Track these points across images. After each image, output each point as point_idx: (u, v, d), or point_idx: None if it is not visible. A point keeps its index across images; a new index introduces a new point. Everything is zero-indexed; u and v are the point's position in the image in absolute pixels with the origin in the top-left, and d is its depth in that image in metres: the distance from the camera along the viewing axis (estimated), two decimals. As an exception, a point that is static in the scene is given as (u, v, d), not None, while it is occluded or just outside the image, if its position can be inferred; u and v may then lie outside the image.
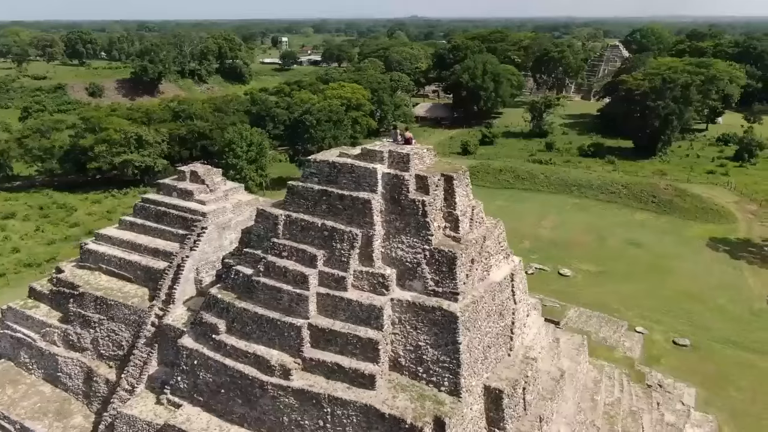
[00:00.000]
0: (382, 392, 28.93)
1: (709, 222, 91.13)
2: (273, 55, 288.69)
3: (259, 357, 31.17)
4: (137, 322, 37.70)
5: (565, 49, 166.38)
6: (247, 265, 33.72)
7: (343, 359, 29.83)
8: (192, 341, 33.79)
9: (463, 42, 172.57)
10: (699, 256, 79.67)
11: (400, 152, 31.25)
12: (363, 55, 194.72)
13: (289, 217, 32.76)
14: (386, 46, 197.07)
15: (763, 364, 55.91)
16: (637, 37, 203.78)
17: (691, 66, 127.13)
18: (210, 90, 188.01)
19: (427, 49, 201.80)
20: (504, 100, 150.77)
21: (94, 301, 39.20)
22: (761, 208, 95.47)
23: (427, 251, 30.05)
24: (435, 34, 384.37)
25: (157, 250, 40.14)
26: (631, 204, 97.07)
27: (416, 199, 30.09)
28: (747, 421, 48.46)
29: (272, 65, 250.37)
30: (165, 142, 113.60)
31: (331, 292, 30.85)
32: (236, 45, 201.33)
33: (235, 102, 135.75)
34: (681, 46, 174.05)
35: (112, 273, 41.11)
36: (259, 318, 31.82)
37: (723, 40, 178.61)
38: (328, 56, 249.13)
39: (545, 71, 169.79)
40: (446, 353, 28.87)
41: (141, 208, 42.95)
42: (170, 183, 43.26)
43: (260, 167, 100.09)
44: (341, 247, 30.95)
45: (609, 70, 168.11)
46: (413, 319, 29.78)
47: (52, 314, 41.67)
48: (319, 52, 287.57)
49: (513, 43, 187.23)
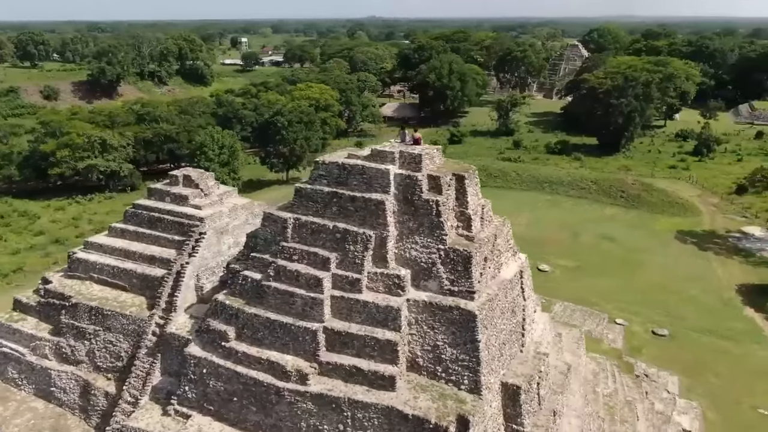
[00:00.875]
0: (403, 393, 28.92)
1: (676, 215, 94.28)
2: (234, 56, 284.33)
3: (273, 363, 30.71)
4: (136, 332, 36.62)
5: (528, 48, 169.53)
6: (254, 270, 33.17)
7: (361, 362, 29.69)
8: (199, 349, 33.04)
9: (428, 42, 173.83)
10: (668, 249, 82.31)
11: (412, 153, 31.30)
12: (327, 56, 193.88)
13: (299, 220, 32.41)
14: (350, 47, 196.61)
15: (737, 351, 58.11)
16: (594, 37, 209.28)
17: (650, 64, 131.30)
18: (171, 92, 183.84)
19: (390, 49, 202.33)
20: (470, 99, 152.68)
21: (88, 311, 37.89)
22: (722, 200, 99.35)
23: (442, 251, 30.20)
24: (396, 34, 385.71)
25: (153, 257, 39.07)
26: (601, 199, 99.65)
27: (430, 200, 30.20)
28: (728, 406, 50.29)
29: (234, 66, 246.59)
30: (130, 146, 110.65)
31: (345, 295, 30.65)
32: (197, 46, 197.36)
33: (201, 104, 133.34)
34: (637, 45, 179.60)
35: (105, 282, 39.81)
36: (272, 323, 31.36)
37: (677, 40, 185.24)
38: (291, 57, 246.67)
39: (509, 70, 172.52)
40: (465, 352, 29.07)
41: (132, 215, 41.74)
42: (162, 188, 42.17)
43: (233, 170, 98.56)
44: (355, 249, 30.79)
45: (569, 69, 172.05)
46: (430, 319, 29.88)
47: (41, 327, 40.07)
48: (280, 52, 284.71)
49: (475, 43, 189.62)
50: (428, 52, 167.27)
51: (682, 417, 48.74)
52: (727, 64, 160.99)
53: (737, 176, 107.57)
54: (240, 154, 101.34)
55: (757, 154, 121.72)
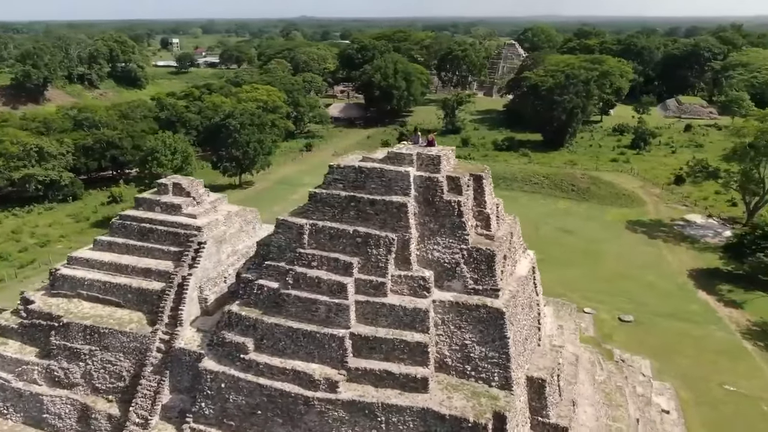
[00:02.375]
0: (436, 394, 29.08)
1: (623, 206, 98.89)
2: (166, 58, 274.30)
3: (299, 372, 30.11)
4: (138, 350, 34.90)
5: (468, 47, 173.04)
6: (270, 278, 32.38)
7: (391, 365, 29.61)
8: (215, 363, 31.93)
9: (370, 42, 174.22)
10: (622, 239, 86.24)
11: (430, 154, 31.46)
12: (266, 56, 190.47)
13: (315, 225, 31.90)
14: (290, 47, 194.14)
15: (697, 333, 61.58)
16: (528, 36, 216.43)
17: (587, 63, 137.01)
18: (103, 96, 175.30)
19: (331, 49, 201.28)
20: (416, 98, 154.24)
21: (82, 331, 35.76)
22: (663, 191, 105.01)
23: (465, 251, 30.54)
24: (331, 34, 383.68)
25: (149, 270, 37.34)
26: (553, 193, 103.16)
27: (452, 200, 30.47)
28: (697, 384, 53.24)
29: (167, 68, 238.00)
30: (70, 153, 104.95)
31: (370, 299, 30.46)
32: (129, 47, 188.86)
33: (142, 108, 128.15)
34: (571, 44, 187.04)
35: (95, 299, 37.69)
36: (294, 332, 30.74)
37: (607, 39, 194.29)
38: (227, 58, 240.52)
39: (450, 69, 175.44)
40: (494, 349, 29.55)
41: (120, 226, 39.71)
42: (151, 197, 40.37)
43: (186, 175, 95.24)
44: (377, 252, 30.64)
45: (508, 68, 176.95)
46: (457, 319, 30.17)
47: (25, 350, 37.46)
48: (215, 53, 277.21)
49: (415, 43, 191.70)
50: (371, 52, 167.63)
51: (659, 398, 51.29)
52: (654, 62, 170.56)
53: (673, 167, 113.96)
54: (193, 159, 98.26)
55: (688, 146, 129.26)
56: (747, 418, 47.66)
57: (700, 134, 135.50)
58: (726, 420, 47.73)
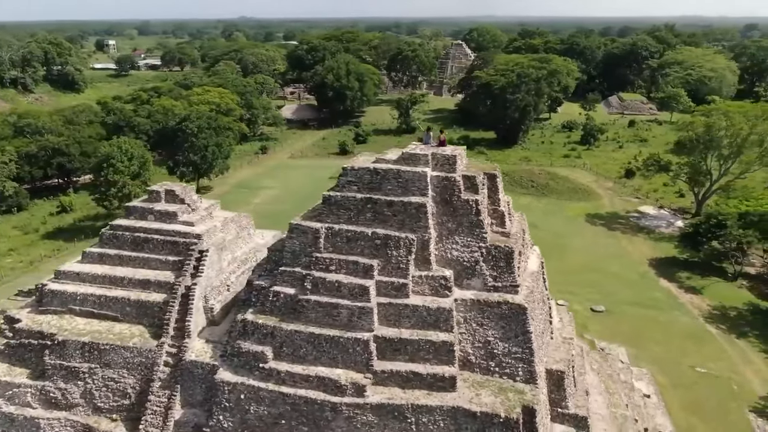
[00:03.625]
0: (464, 392, 29.29)
1: (581, 200, 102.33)
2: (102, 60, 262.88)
3: (324, 378, 29.66)
4: (144, 365, 33.43)
5: (418, 47, 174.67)
6: (285, 284, 31.73)
7: (417, 366, 29.61)
8: (231, 374, 31.01)
9: (320, 43, 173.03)
10: (584, 232, 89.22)
11: (445, 154, 31.64)
12: (212, 58, 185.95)
13: (331, 229, 31.49)
14: (237, 48, 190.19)
15: (664, 319, 64.43)
16: (474, 36, 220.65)
17: (535, 62, 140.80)
18: (39, 100, 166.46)
19: (280, 50, 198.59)
20: (369, 98, 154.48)
21: (80, 348, 33.93)
22: (615, 184, 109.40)
23: (484, 249, 30.89)
24: (275, 35, 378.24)
25: (147, 282, 35.83)
26: (515, 189, 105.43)
27: (469, 199, 30.76)
28: (671, 368, 55.74)
29: (106, 71, 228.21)
30: (12, 161, 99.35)
31: (393, 301, 30.36)
32: (65, 49, 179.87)
33: (87, 112, 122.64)
34: (517, 44, 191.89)
35: (90, 314, 35.83)
36: (316, 338, 30.24)
37: (551, 38, 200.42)
38: (169, 60, 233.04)
39: (400, 69, 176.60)
40: (517, 344, 30.04)
41: (112, 237, 37.91)
42: (143, 205, 38.75)
43: (144, 182, 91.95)
44: (398, 253, 30.56)
45: (457, 67, 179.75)
46: (479, 316, 30.49)
47: (15, 372, 35.21)
48: (155, 55, 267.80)
49: (364, 43, 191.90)
50: (321, 52, 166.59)
51: (639, 383, 53.44)
52: (595, 60, 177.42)
53: (622, 162, 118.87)
54: (151, 164, 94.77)
55: (633, 141, 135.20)
56: (720, 397, 50.10)
57: (643, 129, 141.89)
58: (701, 400, 50.03)
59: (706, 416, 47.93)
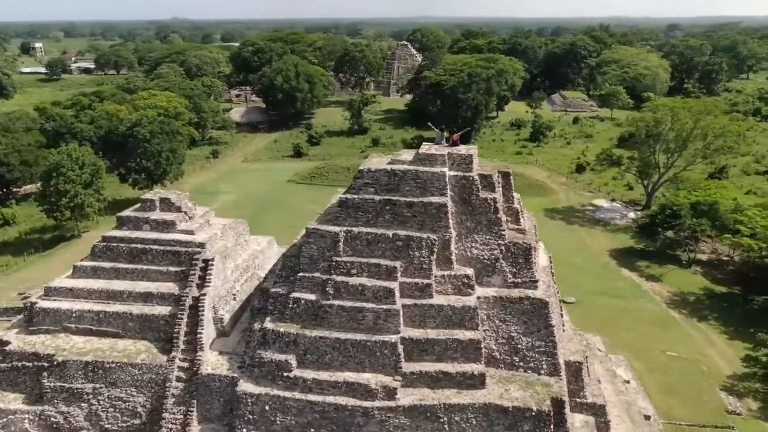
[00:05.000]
0: (493, 388, 29.59)
1: (538, 195, 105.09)
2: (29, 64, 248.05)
3: (353, 384, 29.26)
4: (154, 381, 31.92)
5: (365, 48, 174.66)
6: (305, 290, 31.08)
7: (446, 366, 29.69)
8: (253, 386, 30.10)
9: (266, 44, 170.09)
10: (544, 227, 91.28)
11: (461, 153, 31.85)
12: (153, 61, 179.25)
13: (350, 232, 31.09)
14: (178, 50, 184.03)
15: (631, 307, 67.09)
16: (418, 37, 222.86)
17: (482, 62, 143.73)
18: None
19: (223, 52, 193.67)
20: (319, 100, 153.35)
21: (83, 369, 32.04)
22: (568, 179, 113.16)
23: (503, 246, 31.32)
24: (212, 37, 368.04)
25: (149, 294, 34.24)
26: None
27: (488, 198, 31.11)
28: (644, 354, 58.15)
29: (35, 75, 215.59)
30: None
31: (417, 302, 30.32)
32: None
33: (24, 119, 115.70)
34: (461, 44, 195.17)
35: (87, 332, 33.90)
36: (342, 343, 29.80)
37: (494, 38, 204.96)
38: (103, 63, 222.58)
39: (348, 70, 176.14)
40: (540, 338, 30.62)
41: (105, 249, 35.99)
42: (137, 215, 36.98)
43: (97, 190, 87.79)
44: (420, 254, 30.53)
45: (403, 68, 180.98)
46: (501, 313, 30.88)
47: (8, 398, 32.86)
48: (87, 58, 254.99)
49: (308, 44, 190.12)
50: (268, 54, 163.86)
51: (618, 369, 55.54)
52: (537, 60, 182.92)
53: (571, 157, 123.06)
54: (103, 172, 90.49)
55: (579, 137, 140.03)
56: (692, 379, 52.53)
57: (587, 126, 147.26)
58: (676, 382, 52.35)
59: (683, 397, 50.13)
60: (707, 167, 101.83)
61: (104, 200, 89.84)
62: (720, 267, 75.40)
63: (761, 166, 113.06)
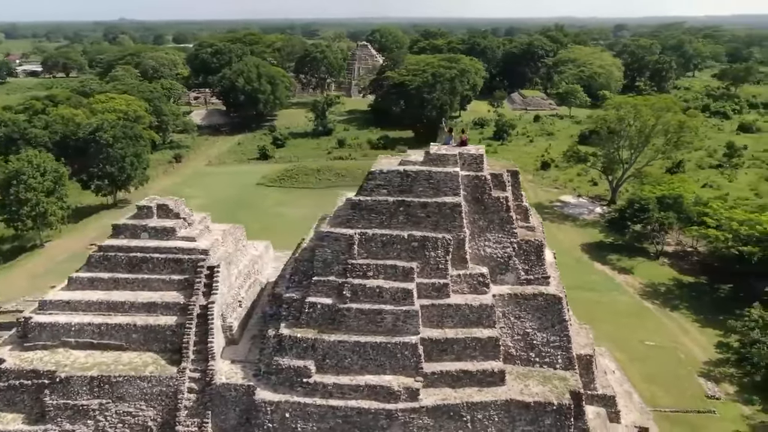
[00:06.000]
0: (513, 385, 29.93)
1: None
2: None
3: (375, 387, 29.09)
4: (165, 394, 30.88)
5: (325, 49, 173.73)
6: (320, 295, 30.70)
7: (466, 364, 29.86)
8: (271, 393, 29.54)
9: (225, 45, 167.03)
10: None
11: (472, 153, 32.09)
12: (106, 63, 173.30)
13: (365, 234, 30.89)
14: (134, 52, 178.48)
15: (605, 299, 68.92)
16: (377, 37, 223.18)
17: (445, 62, 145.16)
18: None
19: (179, 53, 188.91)
20: (281, 101, 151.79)
21: (87, 384, 30.70)
22: (535, 177, 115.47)
23: (515, 244, 31.73)
24: (164, 38, 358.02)
25: (153, 304, 33.11)
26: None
27: (500, 197, 31.45)
28: (624, 345, 59.83)
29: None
30: None
31: (435, 302, 30.40)
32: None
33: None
34: (421, 44, 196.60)
35: (88, 345, 32.52)
36: (362, 346, 29.60)
37: (453, 38, 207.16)
38: (51, 65, 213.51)
39: (309, 71, 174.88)
40: (555, 333, 31.17)
41: (102, 259, 34.59)
42: (135, 223, 35.67)
43: (61, 198, 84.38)
44: (436, 254, 30.60)
45: (364, 68, 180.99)
46: (516, 310, 31.28)
47: (6, 418, 31.18)
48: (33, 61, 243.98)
49: (267, 45, 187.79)
50: (227, 55, 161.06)
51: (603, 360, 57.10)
52: (496, 59, 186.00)
53: (535, 155, 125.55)
54: (66, 179, 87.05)
55: (541, 134, 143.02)
56: (671, 366, 54.34)
57: (547, 124, 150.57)
58: (657, 371, 54.11)
59: (664, 385, 51.81)
60: (665, 162, 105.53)
61: (68, 208, 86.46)
62: (685, 258, 78.01)
63: (714, 160, 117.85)
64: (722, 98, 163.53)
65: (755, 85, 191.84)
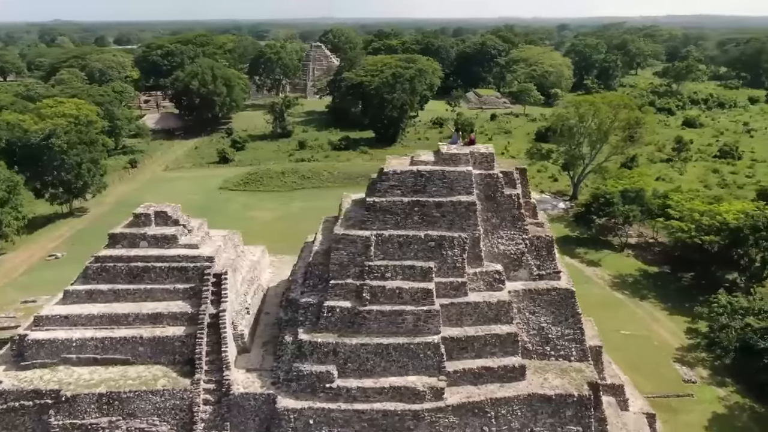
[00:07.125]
0: (532, 379, 30.36)
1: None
2: None
3: (399, 388, 28.95)
4: (179, 408, 29.75)
5: (280, 50, 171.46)
6: (338, 298, 30.30)
7: (487, 361, 30.09)
8: (293, 401, 28.95)
9: (176, 47, 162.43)
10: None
11: (482, 152, 32.34)
12: (49, 66, 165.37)
13: (381, 235, 30.67)
14: (79, 54, 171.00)
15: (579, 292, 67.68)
16: (330, 38, 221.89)
17: (402, 62, 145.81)
18: None
19: (128, 55, 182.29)
20: (238, 104, 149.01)
21: (95, 401, 29.23)
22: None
23: (527, 240, 32.20)
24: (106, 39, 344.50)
25: (159, 315, 31.86)
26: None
27: (512, 194, 31.84)
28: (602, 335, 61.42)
29: None
30: None
31: (453, 301, 30.50)
32: None
33: None
34: (375, 45, 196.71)
35: (92, 361, 30.99)
36: (384, 348, 29.40)
37: (407, 38, 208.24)
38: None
39: (263, 72, 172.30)
40: (568, 326, 31.81)
41: (100, 270, 33.01)
42: (131, 231, 34.21)
43: (15, 208, 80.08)
44: (453, 253, 30.70)
45: (319, 69, 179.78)
46: (531, 305, 31.75)
47: (5, 443, 29.44)
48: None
49: (218, 46, 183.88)
50: (179, 57, 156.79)
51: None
52: (450, 59, 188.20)
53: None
54: (21, 188, 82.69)
55: (499, 133, 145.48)
56: (647, 354, 56.31)
57: (504, 122, 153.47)
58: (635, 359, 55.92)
59: (644, 372, 53.58)
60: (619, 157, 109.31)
61: (23, 218, 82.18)
62: (648, 249, 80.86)
63: (663, 155, 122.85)
64: (666, 95, 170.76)
65: (693, 82, 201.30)
